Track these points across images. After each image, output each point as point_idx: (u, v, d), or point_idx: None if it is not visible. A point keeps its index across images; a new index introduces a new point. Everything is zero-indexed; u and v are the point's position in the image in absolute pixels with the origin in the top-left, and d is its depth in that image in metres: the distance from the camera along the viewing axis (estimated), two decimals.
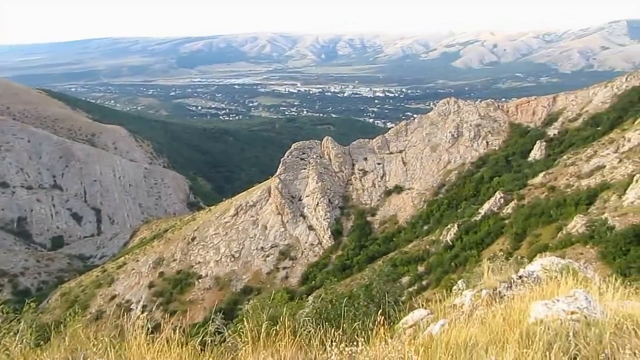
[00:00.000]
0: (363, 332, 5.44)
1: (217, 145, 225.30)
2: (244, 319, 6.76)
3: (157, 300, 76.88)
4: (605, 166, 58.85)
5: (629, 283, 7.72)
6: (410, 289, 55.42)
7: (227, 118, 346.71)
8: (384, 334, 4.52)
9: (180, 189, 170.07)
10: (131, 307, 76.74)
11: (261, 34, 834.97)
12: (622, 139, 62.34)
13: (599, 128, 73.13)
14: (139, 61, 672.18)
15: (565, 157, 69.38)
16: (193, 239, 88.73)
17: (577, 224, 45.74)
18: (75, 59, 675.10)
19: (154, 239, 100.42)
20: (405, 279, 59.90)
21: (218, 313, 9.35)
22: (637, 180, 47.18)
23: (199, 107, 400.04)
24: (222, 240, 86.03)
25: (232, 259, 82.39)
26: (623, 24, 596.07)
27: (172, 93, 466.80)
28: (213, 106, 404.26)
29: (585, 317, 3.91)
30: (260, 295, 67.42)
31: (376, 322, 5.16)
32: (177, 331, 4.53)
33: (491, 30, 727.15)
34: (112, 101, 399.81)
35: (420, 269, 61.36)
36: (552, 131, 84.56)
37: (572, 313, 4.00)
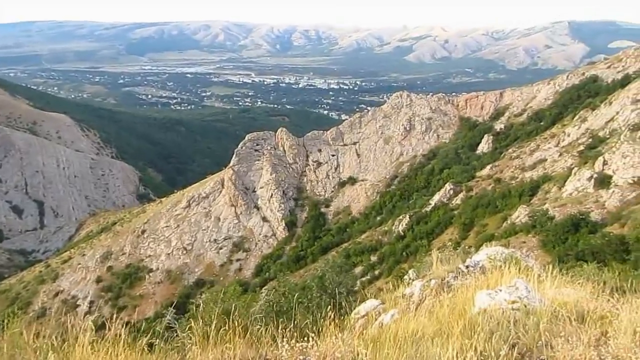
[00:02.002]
0: (315, 325, 5.49)
1: (168, 136, 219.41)
2: (195, 315, 6.67)
3: (106, 295, 74.54)
4: (546, 159, 61.78)
5: (566, 270, 8.16)
6: (363, 279, 56.41)
7: (179, 108, 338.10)
8: (335, 328, 4.58)
9: (129, 181, 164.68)
10: (77, 303, 74.00)
11: (214, 22, 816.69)
12: (563, 133, 65.61)
13: (541, 123, 76.56)
14: (85, 46, 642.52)
15: (510, 150, 72.31)
16: (143, 231, 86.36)
17: (520, 214, 47.89)
18: (15, 42, 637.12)
19: (101, 232, 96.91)
20: (358, 269, 60.85)
21: (169, 308, 9.19)
22: (575, 173, 49.84)
23: (149, 96, 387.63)
24: (173, 233, 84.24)
25: (184, 252, 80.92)
26: (565, 25, 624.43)
27: (121, 81, 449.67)
28: (164, 95, 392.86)
29: (525, 306, 4.13)
30: (214, 288, 66.66)
31: (327, 316, 5.21)
32: (124, 331, 4.39)
33: (443, 26, 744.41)
34: (56, 88, 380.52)
35: (373, 258, 62.52)
36: (498, 125, 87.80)
37: (513, 302, 4.22)
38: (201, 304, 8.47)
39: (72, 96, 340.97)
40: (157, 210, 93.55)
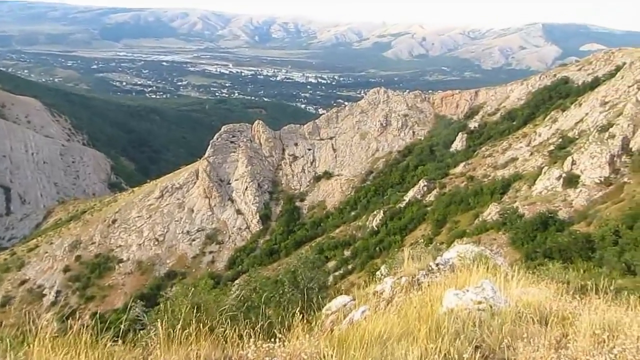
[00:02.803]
0: (285, 322, 5.48)
1: (142, 124, 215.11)
2: (164, 309, 6.57)
3: (73, 285, 73.02)
4: (518, 158, 63.15)
5: (532, 269, 8.36)
6: (337, 273, 56.77)
7: (154, 96, 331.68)
8: (303, 328, 4.57)
9: (100, 169, 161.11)
10: (43, 292, 72.29)
11: (192, 11, 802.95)
12: (534, 133, 67.11)
13: (514, 122, 78.14)
14: (57, 29, 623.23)
15: (483, 148, 73.62)
16: (114, 221, 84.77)
17: (491, 212, 48.90)
18: None
19: (70, 220, 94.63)
20: (331, 263, 61.17)
21: (138, 300, 9.03)
22: (545, 173, 51.09)
23: (124, 83, 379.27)
24: (145, 223, 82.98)
25: (156, 243, 79.84)
26: (539, 27, 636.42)
27: (94, 66, 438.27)
28: (139, 83, 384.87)
29: (491, 307, 4.21)
30: (185, 280, 66.06)
31: (296, 314, 5.20)
32: (89, 327, 4.27)
33: (421, 23, 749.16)
34: (26, 71, 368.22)
35: (347, 253, 62.94)
36: (473, 124, 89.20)
37: (479, 303, 4.29)
38: (170, 298, 8.36)
39: (43, 80, 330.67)
40: (129, 199, 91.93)
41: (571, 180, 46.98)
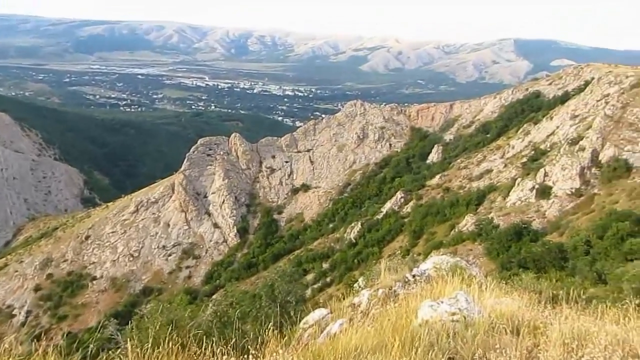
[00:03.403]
0: (259, 338, 5.42)
1: (116, 138, 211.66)
2: (138, 327, 6.45)
3: (45, 304, 70.83)
4: (492, 170, 64.26)
5: (506, 279, 8.48)
6: (315, 286, 56.52)
7: (129, 109, 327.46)
8: (280, 340, 4.54)
9: (73, 184, 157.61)
10: (13, 313, 69.91)
11: (168, 24, 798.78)
12: (507, 145, 68.50)
13: (488, 135, 79.69)
14: (28, 42, 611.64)
15: (459, 160, 74.73)
16: (87, 237, 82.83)
17: (467, 223, 49.52)
18: None
19: (41, 237, 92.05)
20: (310, 276, 60.89)
21: (111, 318, 8.83)
22: (518, 184, 52.12)
23: (97, 96, 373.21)
24: (120, 239, 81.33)
25: (131, 259, 78.26)
26: (511, 42, 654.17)
27: (67, 79, 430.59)
28: (113, 96, 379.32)
29: (465, 318, 4.26)
30: (161, 297, 64.85)
31: (274, 327, 5.16)
32: (55, 350, 4.14)
33: (397, 37, 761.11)
34: None
35: (325, 265, 62.76)
36: (448, 136, 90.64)
37: (453, 314, 4.34)
38: (145, 316, 8.20)
39: (13, 93, 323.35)
40: (103, 215, 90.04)
41: (544, 192, 48.00)
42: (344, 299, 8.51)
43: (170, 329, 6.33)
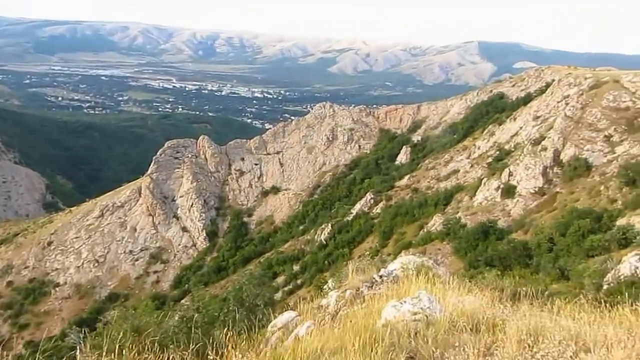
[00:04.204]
0: (222, 343, 5.35)
1: (80, 141, 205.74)
2: (101, 334, 6.28)
3: (5, 313, 68.29)
4: (459, 170, 65.52)
5: (469, 278, 8.64)
6: (286, 288, 56.31)
7: (93, 112, 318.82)
8: (235, 347, 4.49)
9: (34, 188, 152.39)
10: None
11: (133, 24, 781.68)
12: (474, 146, 69.97)
13: (454, 136, 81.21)
14: None
15: (427, 161, 75.90)
16: (49, 243, 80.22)
17: (436, 223, 50.33)
18: None
19: (1, 244, 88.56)
20: (281, 279, 60.66)
21: (74, 326, 8.56)
22: (484, 184, 53.31)
23: (60, 98, 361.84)
24: (84, 244, 79.10)
25: (96, 264, 76.23)
26: (475, 45, 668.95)
27: (27, 81, 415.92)
28: (76, 98, 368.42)
29: (427, 317, 4.31)
30: (128, 303, 63.37)
31: (235, 334, 5.10)
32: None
33: (365, 40, 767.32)
34: None
35: (296, 268, 62.64)
36: (416, 137, 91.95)
37: (416, 314, 4.38)
38: (109, 322, 8.00)
39: None
40: (66, 220, 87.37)
41: (509, 191, 49.23)
42: (312, 301, 8.49)
43: (132, 336, 6.19)
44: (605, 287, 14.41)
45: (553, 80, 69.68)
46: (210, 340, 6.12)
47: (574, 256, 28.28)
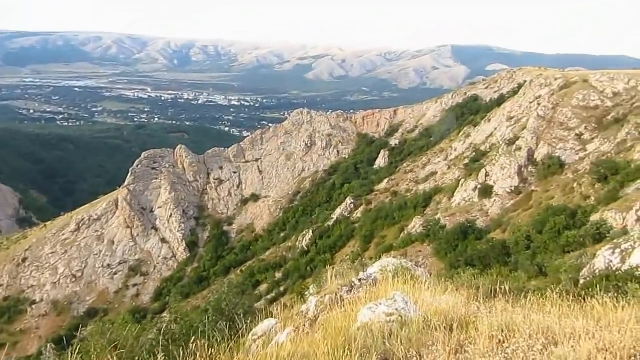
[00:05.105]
0: (209, 351, 5.32)
1: (53, 154, 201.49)
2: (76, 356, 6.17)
3: None
4: (437, 172, 66.25)
5: (446, 278, 8.72)
6: (269, 296, 55.91)
7: (66, 123, 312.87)
8: (229, 353, 4.46)
9: (7, 204, 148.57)
10: None
11: (105, 34, 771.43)
12: (450, 148, 70.90)
13: (431, 139, 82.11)
14: None
15: (405, 164, 76.56)
16: (24, 259, 78.19)
17: (416, 225, 50.69)
18: None
19: None
20: (263, 287, 60.25)
21: (50, 344, 8.35)
22: (462, 185, 53.99)
23: (31, 111, 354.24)
24: (60, 260, 77.33)
25: (73, 280, 74.58)
26: (449, 48, 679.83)
27: None
28: (49, 110, 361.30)
29: (401, 318, 4.34)
30: (107, 318, 62.07)
31: (222, 340, 5.07)
32: None
33: (340, 46, 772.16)
34: None
35: (278, 275, 62.33)
36: (393, 141, 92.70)
37: (391, 315, 4.41)
38: (85, 338, 7.85)
39: None
40: (41, 235, 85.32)
41: (486, 191, 49.94)
42: (292, 308, 8.47)
43: (110, 350, 6.09)
44: (581, 281, 14.70)
45: (525, 82, 71.16)
46: (188, 352, 6.05)
47: (551, 252, 28.76)
